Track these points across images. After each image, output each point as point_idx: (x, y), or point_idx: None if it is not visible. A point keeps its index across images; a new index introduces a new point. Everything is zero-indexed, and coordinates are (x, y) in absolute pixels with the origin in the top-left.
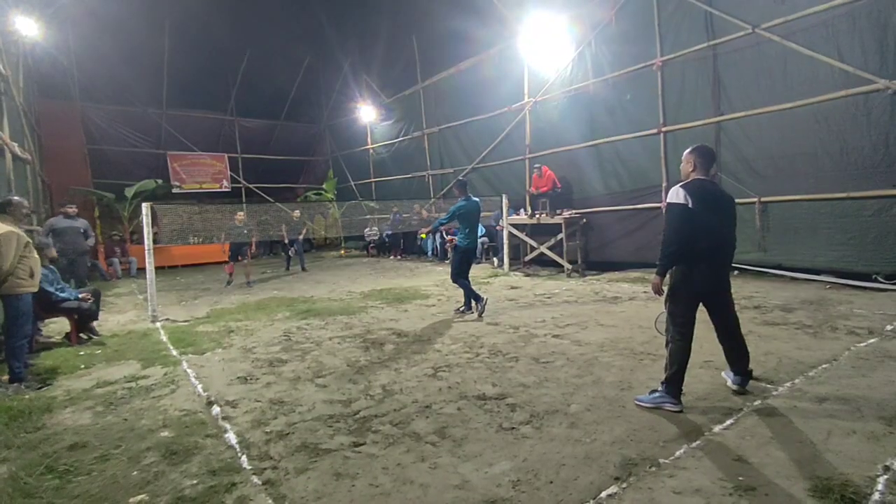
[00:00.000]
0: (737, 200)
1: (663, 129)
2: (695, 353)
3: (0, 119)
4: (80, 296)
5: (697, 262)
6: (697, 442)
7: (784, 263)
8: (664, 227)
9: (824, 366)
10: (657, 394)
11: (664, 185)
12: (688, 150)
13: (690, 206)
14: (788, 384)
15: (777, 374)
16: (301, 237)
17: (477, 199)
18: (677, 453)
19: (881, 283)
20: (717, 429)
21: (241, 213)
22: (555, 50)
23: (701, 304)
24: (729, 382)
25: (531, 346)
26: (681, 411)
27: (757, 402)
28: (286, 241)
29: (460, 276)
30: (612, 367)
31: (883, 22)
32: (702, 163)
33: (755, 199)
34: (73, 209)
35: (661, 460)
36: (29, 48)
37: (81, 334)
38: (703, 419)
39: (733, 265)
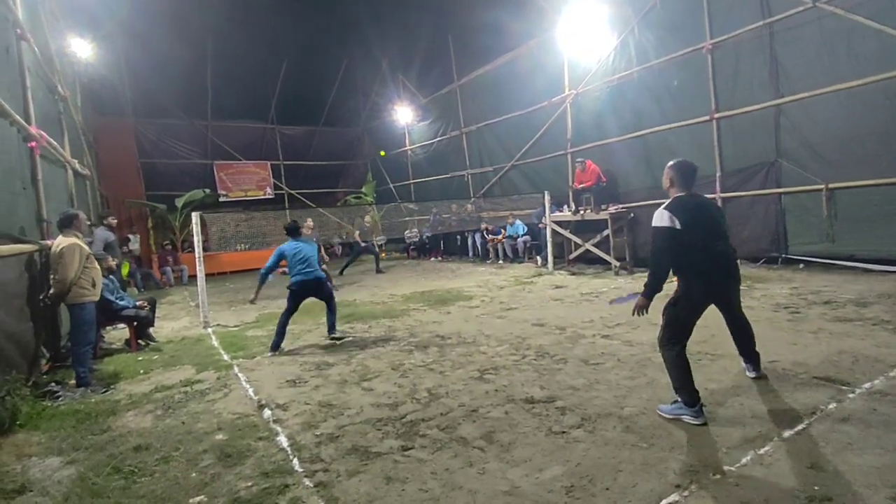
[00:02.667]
0: (801, 188)
1: (716, 115)
2: (759, 353)
3: (61, 137)
4: (137, 304)
5: (696, 279)
6: (766, 448)
7: (856, 254)
8: (651, 250)
9: None
10: (677, 404)
11: (718, 174)
12: (668, 165)
13: (678, 227)
14: (867, 385)
15: (853, 374)
16: (376, 241)
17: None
18: (743, 460)
19: None
20: (787, 434)
21: (310, 220)
22: (596, 39)
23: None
24: (747, 373)
25: (579, 348)
26: (703, 424)
27: (832, 406)
28: (362, 244)
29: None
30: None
31: None
32: (681, 179)
33: (821, 187)
34: (114, 220)
35: (726, 468)
36: (83, 68)
37: (140, 341)
38: (770, 424)
39: (799, 258)
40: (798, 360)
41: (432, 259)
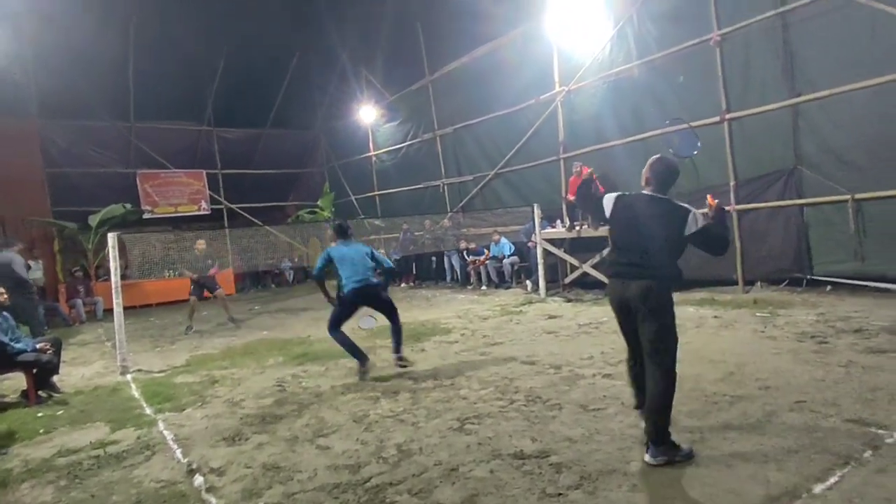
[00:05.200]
0: (825, 199)
1: (727, 116)
2: (782, 391)
3: None
4: (37, 346)
5: (614, 274)
6: None
7: (888, 274)
8: None
9: None
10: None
11: (732, 183)
12: (649, 164)
13: (608, 216)
14: None
15: (889, 415)
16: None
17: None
18: None
19: None
20: (817, 489)
21: (202, 242)
22: (590, 28)
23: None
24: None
25: (577, 390)
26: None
27: (867, 453)
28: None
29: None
30: (679, 414)
31: None
32: (655, 179)
33: (847, 197)
34: (22, 246)
35: None
36: None
37: (40, 392)
38: (797, 477)
39: (825, 279)
40: (827, 399)
41: (402, 285)
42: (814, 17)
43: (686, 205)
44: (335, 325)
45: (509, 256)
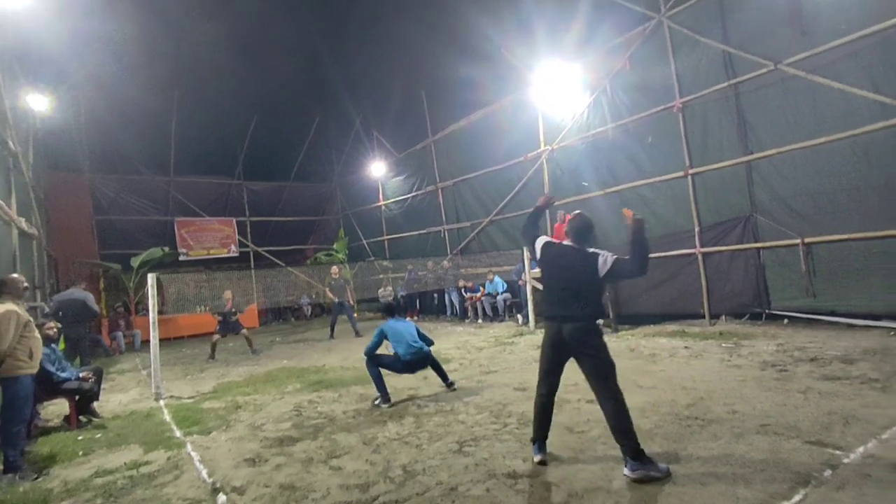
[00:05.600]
0: (778, 243)
1: (690, 171)
2: (748, 415)
3: (8, 195)
4: (81, 375)
5: (553, 318)
6: None
7: (837, 309)
8: None
9: None
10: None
11: (696, 229)
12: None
13: (538, 257)
14: (860, 449)
15: (845, 437)
16: (349, 299)
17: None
18: None
19: None
20: None
21: (229, 292)
22: (569, 97)
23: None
24: (624, 470)
25: (563, 414)
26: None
27: (827, 473)
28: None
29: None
30: (656, 436)
31: None
32: (569, 233)
33: (798, 241)
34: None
35: None
36: (39, 122)
37: (81, 417)
38: (764, 495)
39: (782, 313)
40: (789, 423)
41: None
42: (761, 87)
43: (595, 250)
44: (377, 364)
45: (502, 293)
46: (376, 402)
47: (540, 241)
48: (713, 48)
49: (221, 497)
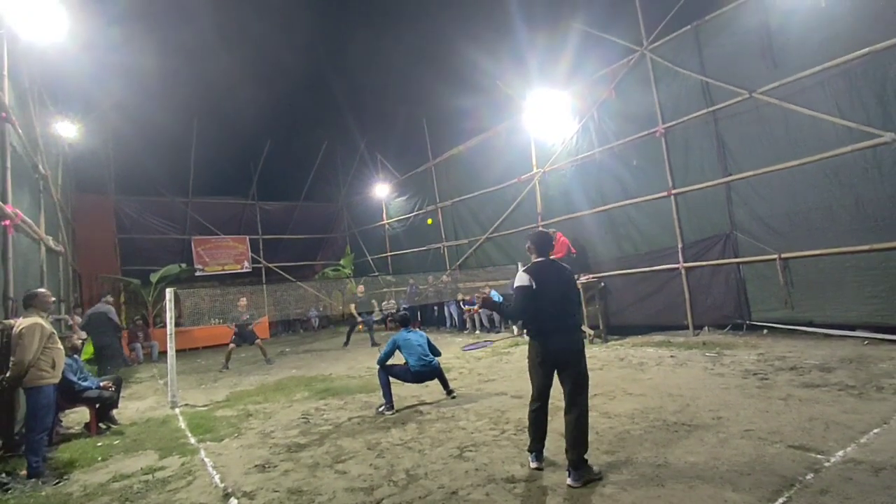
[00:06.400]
0: (757, 258)
1: (673, 191)
2: (732, 421)
3: (38, 215)
4: (101, 384)
5: (549, 334)
6: None
7: (815, 320)
8: (511, 306)
9: (875, 430)
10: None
11: (679, 245)
12: (528, 236)
13: (534, 287)
14: (840, 454)
15: (826, 442)
16: (374, 314)
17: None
18: None
19: None
20: None
21: (244, 300)
22: (559, 123)
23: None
24: (568, 480)
25: (557, 420)
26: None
27: (809, 476)
28: (358, 318)
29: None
30: (645, 442)
31: (881, 77)
32: (537, 248)
33: (775, 256)
34: (111, 298)
35: None
36: (68, 148)
37: (101, 424)
38: (751, 497)
39: (762, 324)
40: (772, 428)
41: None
42: (738, 114)
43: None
44: (387, 373)
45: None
46: (380, 410)
47: (522, 279)
48: (692, 78)
49: (233, 502)
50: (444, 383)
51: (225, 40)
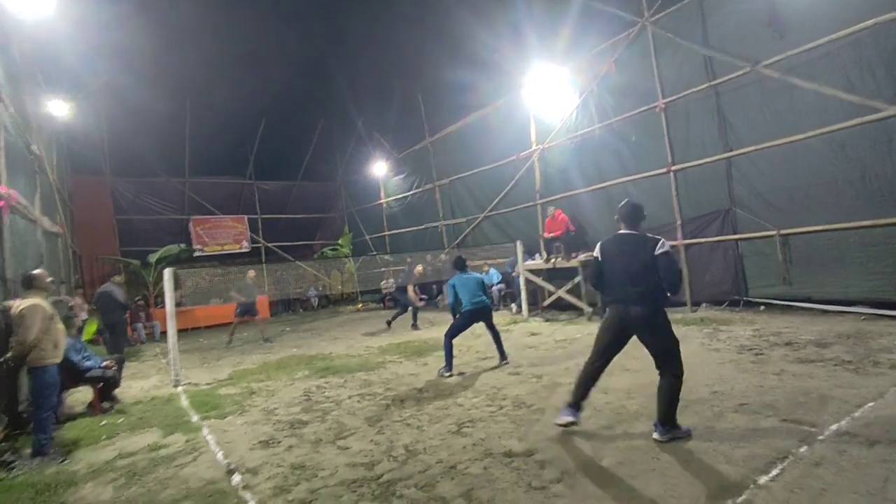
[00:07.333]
0: (755, 235)
1: (672, 168)
2: (727, 395)
3: (33, 196)
4: (103, 364)
5: (614, 302)
6: (743, 497)
7: (813, 296)
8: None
9: (870, 404)
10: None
11: (678, 223)
12: (617, 209)
13: (600, 259)
14: (834, 427)
15: (820, 415)
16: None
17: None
18: None
19: None
20: (762, 480)
21: (252, 272)
22: (559, 99)
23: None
24: (654, 434)
25: (556, 396)
26: (566, 424)
27: (803, 449)
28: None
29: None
30: (642, 416)
31: (892, 47)
32: (620, 219)
33: (774, 233)
34: (120, 278)
35: None
36: (62, 128)
37: (104, 403)
38: (745, 469)
39: (760, 300)
40: (766, 402)
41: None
42: (740, 87)
43: (653, 235)
44: (452, 335)
45: (497, 284)
46: (443, 374)
47: (595, 251)
48: (694, 51)
49: (237, 477)
50: (496, 337)
51: (216, 18)
